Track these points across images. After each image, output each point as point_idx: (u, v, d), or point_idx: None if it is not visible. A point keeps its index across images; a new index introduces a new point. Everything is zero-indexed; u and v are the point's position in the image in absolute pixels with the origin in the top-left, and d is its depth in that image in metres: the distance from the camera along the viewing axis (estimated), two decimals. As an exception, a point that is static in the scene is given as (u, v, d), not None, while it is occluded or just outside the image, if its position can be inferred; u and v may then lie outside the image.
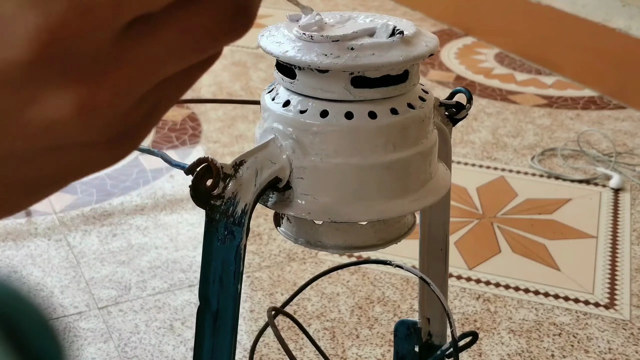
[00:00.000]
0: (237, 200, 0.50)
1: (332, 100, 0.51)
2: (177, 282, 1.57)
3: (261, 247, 1.68)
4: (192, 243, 1.70)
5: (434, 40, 0.53)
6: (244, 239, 0.51)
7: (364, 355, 1.38)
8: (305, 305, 1.50)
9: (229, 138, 2.17)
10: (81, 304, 1.51)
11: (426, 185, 0.55)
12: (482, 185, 1.95)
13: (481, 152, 2.11)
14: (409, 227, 0.58)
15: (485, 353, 1.39)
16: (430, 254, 0.70)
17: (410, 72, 0.52)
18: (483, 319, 1.47)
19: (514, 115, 2.33)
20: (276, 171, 0.52)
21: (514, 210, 1.84)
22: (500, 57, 2.77)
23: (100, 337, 1.42)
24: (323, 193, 0.52)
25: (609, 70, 2.43)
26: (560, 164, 2.04)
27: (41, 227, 1.75)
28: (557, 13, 2.57)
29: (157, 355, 1.38)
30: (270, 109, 0.53)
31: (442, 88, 2.50)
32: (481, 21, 2.94)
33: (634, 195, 1.89)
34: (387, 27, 0.51)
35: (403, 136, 0.52)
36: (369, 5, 3.24)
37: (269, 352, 1.37)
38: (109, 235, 1.73)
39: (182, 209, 1.83)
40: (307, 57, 0.49)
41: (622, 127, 2.25)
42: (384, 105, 0.52)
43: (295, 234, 0.56)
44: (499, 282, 1.58)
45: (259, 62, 2.69)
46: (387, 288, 1.55)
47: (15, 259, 1.64)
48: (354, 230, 0.55)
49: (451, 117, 0.63)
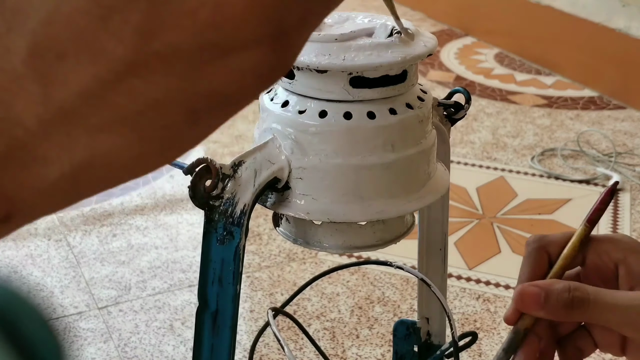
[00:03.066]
0: (236, 201, 0.50)
1: (330, 100, 0.51)
2: (177, 282, 1.57)
3: (261, 247, 1.69)
4: (192, 243, 1.70)
5: (432, 41, 0.53)
6: (243, 239, 0.51)
7: (364, 355, 1.38)
8: (305, 305, 1.50)
9: (228, 138, 2.17)
10: (81, 304, 1.51)
11: (425, 185, 0.55)
12: (482, 185, 1.95)
13: (481, 152, 2.11)
14: (408, 227, 0.58)
15: (485, 353, 1.39)
16: (429, 254, 0.70)
17: (409, 72, 0.52)
18: (483, 319, 1.47)
19: (513, 115, 2.33)
20: (275, 171, 0.52)
21: (514, 211, 1.84)
22: (500, 57, 2.77)
23: (100, 337, 1.42)
24: (322, 193, 0.52)
25: (609, 70, 2.43)
26: (560, 164, 2.04)
27: (41, 227, 1.75)
28: (557, 13, 2.57)
29: (157, 355, 1.38)
30: (269, 109, 0.53)
31: (442, 88, 2.50)
32: (481, 21, 2.94)
33: (634, 195, 1.89)
34: (385, 27, 0.51)
35: (402, 136, 0.52)
36: (369, 5, 3.24)
37: (269, 352, 1.38)
38: (109, 235, 1.73)
39: (182, 209, 1.84)
40: (306, 57, 0.49)
41: (622, 127, 2.25)
42: (382, 106, 0.52)
43: (295, 234, 0.56)
44: (499, 282, 1.58)
45: (259, 62, 2.69)
46: (387, 288, 1.55)
47: (15, 259, 1.64)
48: (353, 230, 0.55)
49: (450, 117, 0.63)
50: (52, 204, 0.25)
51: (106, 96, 0.23)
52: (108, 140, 0.24)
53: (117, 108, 0.24)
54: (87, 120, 0.24)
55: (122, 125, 0.24)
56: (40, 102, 0.23)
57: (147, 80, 0.23)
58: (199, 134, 0.26)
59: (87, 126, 0.24)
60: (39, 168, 0.24)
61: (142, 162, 0.25)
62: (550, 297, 0.48)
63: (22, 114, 0.23)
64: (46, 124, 0.23)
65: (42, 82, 0.23)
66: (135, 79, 0.23)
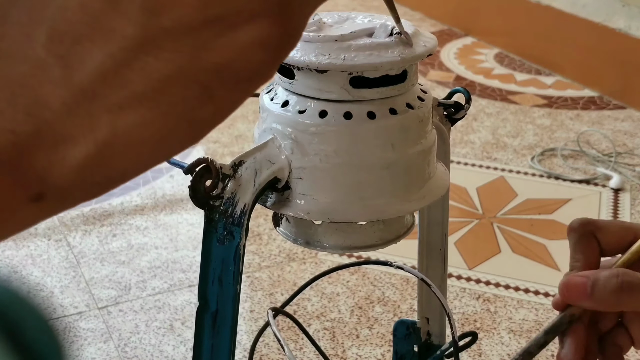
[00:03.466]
0: (236, 201, 0.50)
1: (331, 100, 0.51)
2: (177, 282, 1.57)
3: (261, 247, 1.69)
4: (192, 243, 1.70)
5: (432, 41, 0.53)
6: (243, 239, 0.51)
7: (364, 355, 1.38)
8: (305, 305, 1.50)
9: (228, 138, 2.17)
10: (81, 304, 1.51)
11: (425, 185, 0.55)
12: (482, 185, 1.95)
13: (481, 152, 2.11)
14: (408, 227, 0.58)
15: (485, 353, 1.39)
16: (429, 254, 0.70)
17: (409, 72, 0.52)
18: (483, 319, 1.47)
19: (513, 115, 2.33)
20: (275, 171, 0.52)
21: (514, 210, 1.84)
22: (500, 57, 2.77)
23: (100, 337, 1.42)
24: (322, 193, 0.52)
25: (609, 70, 2.43)
26: (560, 164, 2.04)
27: (41, 227, 1.75)
28: (557, 13, 2.57)
29: (157, 355, 1.38)
30: (269, 109, 0.53)
31: (442, 88, 2.50)
32: (481, 21, 2.94)
33: (634, 195, 1.89)
34: (385, 27, 0.51)
35: (402, 136, 0.52)
36: (369, 5, 3.23)
37: (269, 352, 1.37)
38: (109, 235, 1.73)
39: (182, 209, 1.84)
40: (306, 57, 0.49)
41: (622, 127, 2.25)
42: (382, 105, 0.52)
43: (295, 234, 0.56)
44: (499, 282, 1.58)
45: (259, 62, 2.69)
46: (387, 288, 1.55)
47: (15, 259, 1.64)
48: (353, 230, 0.55)
49: (450, 116, 0.63)
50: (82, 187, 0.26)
51: (121, 74, 0.25)
52: (128, 118, 0.25)
53: (133, 85, 0.25)
54: (107, 100, 0.25)
55: (140, 103, 0.25)
56: (63, 84, 0.24)
57: (157, 57, 0.24)
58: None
59: (107, 105, 0.25)
60: (66, 148, 0.25)
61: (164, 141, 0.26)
62: (597, 284, 0.47)
63: (47, 97, 0.25)
64: (69, 105, 0.25)
65: (63, 65, 0.24)
66: (146, 56, 0.24)
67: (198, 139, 0.27)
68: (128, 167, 0.26)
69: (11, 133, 0.24)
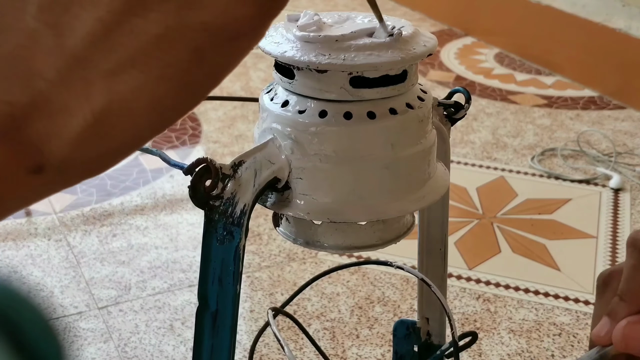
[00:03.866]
0: (236, 201, 0.50)
1: (330, 100, 0.51)
2: (177, 282, 1.57)
3: (261, 247, 1.68)
4: (192, 243, 1.70)
5: (432, 40, 0.53)
6: (243, 239, 0.51)
7: (364, 355, 1.38)
8: (305, 305, 1.50)
9: (228, 138, 2.17)
10: (81, 304, 1.51)
11: (425, 185, 0.55)
12: (482, 185, 1.95)
13: (481, 152, 2.11)
14: (408, 227, 0.58)
15: (485, 353, 1.39)
16: (429, 254, 0.70)
17: (409, 72, 0.52)
18: (483, 319, 1.47)
19: (513, 115, 2.33)
20: (275, 171, 0.52)
21: (514, 210, 1.84)
22: (500, 57, 2.77)
23: (100, 337, 1.42)
24: (322, 193, 0.52)
25: (609, 70, 2.43)
26: (560, 164, 2.04)
27: (41, 227, 1.75)
28: (557, 13, 2.57)
29: (157, 355, 1.38)
30: (268, 109, 0.53)
31: (442, 88, 2.50)
32: (481, 21, 2.94)
33: (634, 195, 1.89)
34: (385, 27, 0.51)
35: (402, 136, 0.52)
36: (369, 6, 3.24)
37: (269, 352, 1.37)
38: (109, 235, 1.73)
39: (182, 209, 1.83)
40: (306, 57, 0.49)
41: (622, 127, 2.25)
42: (382, 105, 0.52)
43: (295, 234, 0.56)
44: (499, 282, 1.58)
45: (258, 62, 2.69)
46: (387, 288, 1.55)
47: (15, 259, 1.64)
48: (353, 230, 0.55)
49: (450, 116, 0.63)
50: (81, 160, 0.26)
51: (112, 38, 0.25)
52: (122, 83, 0.25)
53: (124, 49, 0.25)
54: (100, 65, 0.25)
55: (132, 66, 0.25)
56: (55, 53, 0.25)
57: (145, 17, 0.25)
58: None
59: (100, 71, 0.25)
60: (63, 118, 0.25)
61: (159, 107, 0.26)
62: None
63: (41, 67, 0.25)
64: (63, 73, 0.25)
65: (54, 34, 0.25)
66: (134, 17, 0.25)
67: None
68: (126, 138, 0.27)
69: (7, 104, 0.25)
